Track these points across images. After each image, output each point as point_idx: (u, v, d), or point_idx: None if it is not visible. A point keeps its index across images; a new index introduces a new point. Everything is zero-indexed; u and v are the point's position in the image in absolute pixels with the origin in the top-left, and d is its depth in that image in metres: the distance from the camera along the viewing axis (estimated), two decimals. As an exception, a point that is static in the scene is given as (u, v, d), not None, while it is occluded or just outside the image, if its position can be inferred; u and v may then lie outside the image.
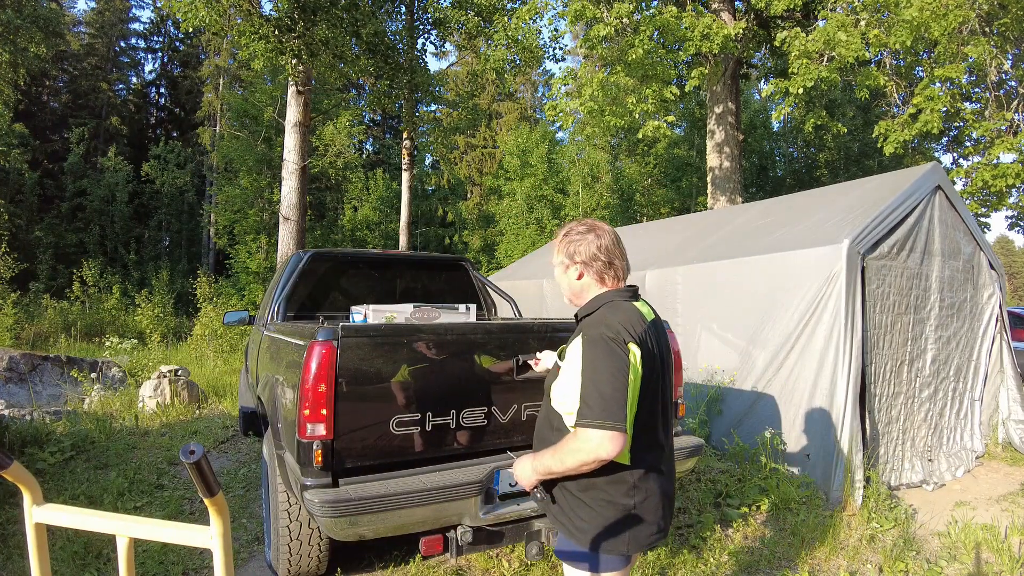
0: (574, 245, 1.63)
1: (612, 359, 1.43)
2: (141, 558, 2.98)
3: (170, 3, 8.26)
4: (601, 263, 1.61)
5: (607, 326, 1.48)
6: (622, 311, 1.54)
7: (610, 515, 1.52)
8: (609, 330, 1.47)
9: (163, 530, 1.08)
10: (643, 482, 1.54)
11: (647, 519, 1.54)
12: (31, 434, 4.66)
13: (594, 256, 1.61)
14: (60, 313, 13.95)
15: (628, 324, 1.49)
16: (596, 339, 1.46)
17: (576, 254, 1.63)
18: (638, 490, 1.53)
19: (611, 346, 1.44)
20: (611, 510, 1.52)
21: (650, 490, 1.55)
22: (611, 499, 1.52)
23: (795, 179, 22.82)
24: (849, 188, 5.49)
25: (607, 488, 1.52)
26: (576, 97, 9.67)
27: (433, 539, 2.23)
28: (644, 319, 1.56)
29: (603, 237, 1.63)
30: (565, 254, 1.65)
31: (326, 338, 2.18)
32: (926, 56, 9.55)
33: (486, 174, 26.56)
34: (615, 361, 1.43)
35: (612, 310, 1.54)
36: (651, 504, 1.55)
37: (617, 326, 1.48)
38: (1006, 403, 5.46)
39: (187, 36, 28.20)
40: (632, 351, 1.46)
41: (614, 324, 1.49)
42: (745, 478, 4.00)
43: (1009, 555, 3.23)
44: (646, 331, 1.53)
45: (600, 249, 1.61)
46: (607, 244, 1.62)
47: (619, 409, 1.40)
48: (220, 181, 20.10)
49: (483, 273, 16.53)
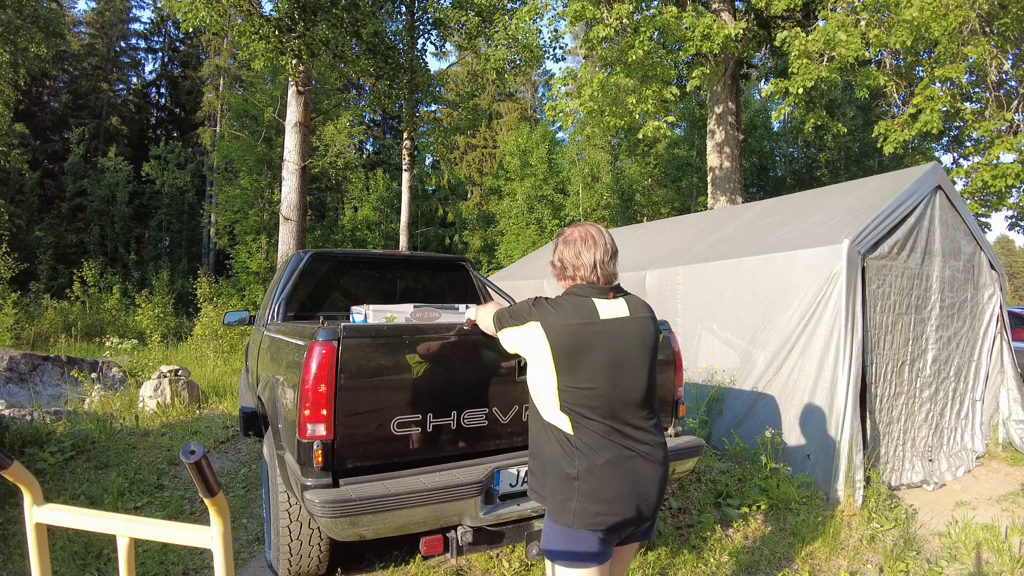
0: (557, 251, 1.86)
1: (517, 308, 1.82)
2: (141, 558, 2.98)
3: (170, 3, 8.26)
4: (576, 265, 1.80)
5: (539, 299, 1.81)
6: (561, 300, 1.77)
7: (558, 485, 1.66)
8: (538, 301, 1.79)
9: (163, 530, 1.08)
10: (588, 454, 1.64)
11: (597, 496, 1.61)
12: (31, 434, 4.66)
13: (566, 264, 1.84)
14: (60, 313, 13.95)
15: (543, 304, 1.76)
16: (527, 300, 1.85)
17: (553, 262, 1.89)
18: (580, 460, 1.64)
19: (525, 303, 1.81)
20: (559, 479, 1.66)
21: (597, 469, 1.62)
22: (559, 467, 1.67)
23: (795, 179, 22.82)
24: (849, 188, 5.49)
25: (557, 457, 1.68)
26: (576, 97, 9.67)
27: (433, 539, 2.23)
28: (591, 311, 1.71)
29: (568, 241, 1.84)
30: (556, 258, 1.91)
31: (326, 338, 2.17)
32: (926, 56, 9.55)
33: (486, 174, 26.56)
34: (517, 306, 1.83)
35: (558, 298, 1.80)
36: (597, 481, 1.62)
37: (540, 301, 1.78)
38: (1006, 403, 5.46)
39: (187, 36, 28.21)
40: (528, 324, 1.74)
41: (544, 300, 1.80)
42: (745, 478, 4.00)
43: (1010, 555, 3.23)
44: (572, 317, 1.70)
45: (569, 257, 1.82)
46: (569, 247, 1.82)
47: (502, 318, 1.87)
48: (220, 181, 20.10)
49: (483, 273, 16.53)
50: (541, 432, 1.74)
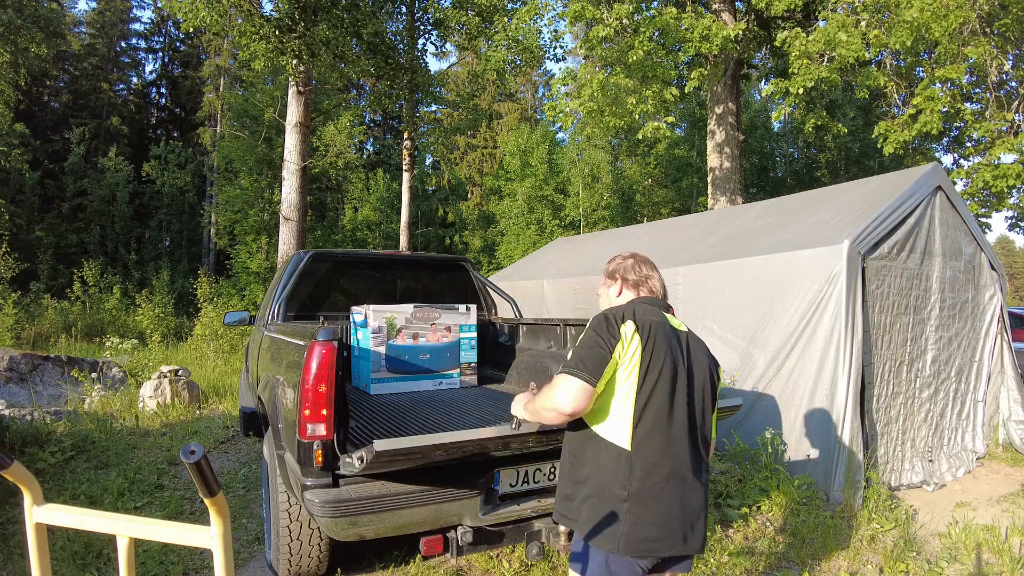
0: (615, 266, 1.86)
1: (598, 330, 1.57)
2: (141, 558, 2.98)
3: (171, 3, 8.26)
4: (635, 277, 1.81)
5: (615, 309, 1.64)
6: (636, 304, 1.68)
7: (606, 506, 1.51)
8: (613, 310, 1.63)
9: (163, 530, 1.08)
10: (645, 476, 1.50)
11: (646, 520, 1.48)
12: (31, 434, 4.66)
13: (631, 270, 1.83)
14: (61, 313, 13.95)
15: (632, 311, 1.61)
16: (593, 318, 1.63)
17: (616, 272, 1.85)
18: (634, 481, 1.50)
19: (600, 320, 1.60)
20: (607, 501, 1.52)
21: (651, 488, 1.50)
22: (609, 488, 1.53)
23: (795, 179, 22.81)
24: (849, 188, 5.49)
25: (607, 476, 1.54)
26: (576, 97, 9.67)
27: (433, 539, 2.23)
28: (664, 321, 1.64)
29: (639, 260, 1.85)
30: (606, 275, 1.87)
31: (326, 338, 2.18)
32: (926, 56, 9.55)
33: (486, 174, 26.55)
34: (599, 331, 1.57)
35: (629, 304, 1.69)
36: (651, 504, 1.49)
37: (619, 310, 1.62)
38: (1007, 403, 5.46)
39: (188, 36, 28.19)
40: (624, 327, 1.56)
41: (616, 308, 1.64)
42: (745, 479, 4.00)
43: (1010, 556, 3.22)
44: (657, 324, 1.60)
45: (634, 268, 1.83)
46: (640, 264, 1.84)
47: (591, 366, 1.51)
48: (221, 181, 20.10)
49: (483, 273, 16.53)
50: (585, 449, 1.59)
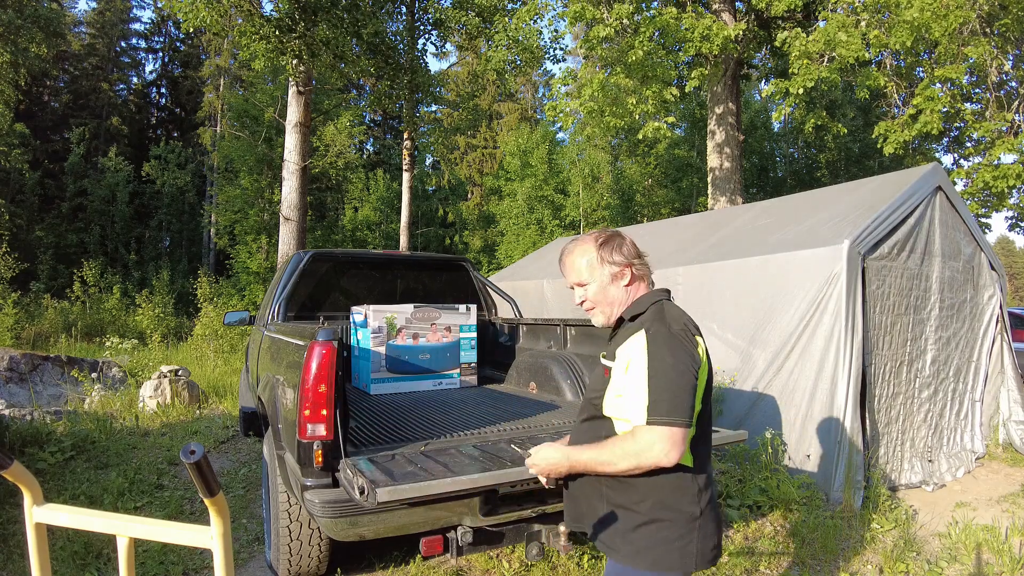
0: (615, 251, 1.53)
1: (681, 352, 1.36)
2: (141, 558, 2.98)
3: (171, 3, 8.27)
4: (640, 262, 1.55)
5: (673, 320, 1.43)
6: (676, 309, 1.50)
7: (676, 528, 1.39)
8: (675, 323, 1.42)
9: (163, 530, 1.08)
10: (707, 487, 1.44)
11: (711, 529, 1.43)
12: (31, 434, 4.66)
13: (636, 255, 1.55)
14: (61, 313, 13.95)
15: (688, 319, 1.46)
16: (663, 335, 1.38)
17: (623, 257, 1.53)
18: (703, 495, 1.42)
19: (679, 339, 1.38)
20: (677, 522, 1.39)
21: (712, 497, 1.46)
22: (677, 507, 1.39)
23: (795, 180, 22.81)
24: (849, 189, 5.49)
25: (672, 496, 1.39)
26: (576, 97, 9.67)
27: (433, 539, 2.22)
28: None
29: (627, 238, 1.57)
30: (611, 262, 1.53)
31: (326, 338, 2.18)
32: (926, 57, 9.55)
33: (487, 174, 26.55)
34: (683, 355, 1.36)
35: (668, 307, 1.49)
36: (714, 512, 1.45)
37: (681, 320, 1.44)
38: (1007, 404, 5.46)
39: (188, 36, 28.21)
40: (699, 343, 1.42)
41: (679, 318, 1.45)
42: (746, 479, 4.00)
43: (1010, 556, 3.22)
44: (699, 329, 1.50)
45: (635, 249, 1.57)
46: (634, 243, 1.58)
47: (689, 405, 1.32)
48: (221, 181, 20.11)
49: (484, 273, 16.53)
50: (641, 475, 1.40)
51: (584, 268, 1.55)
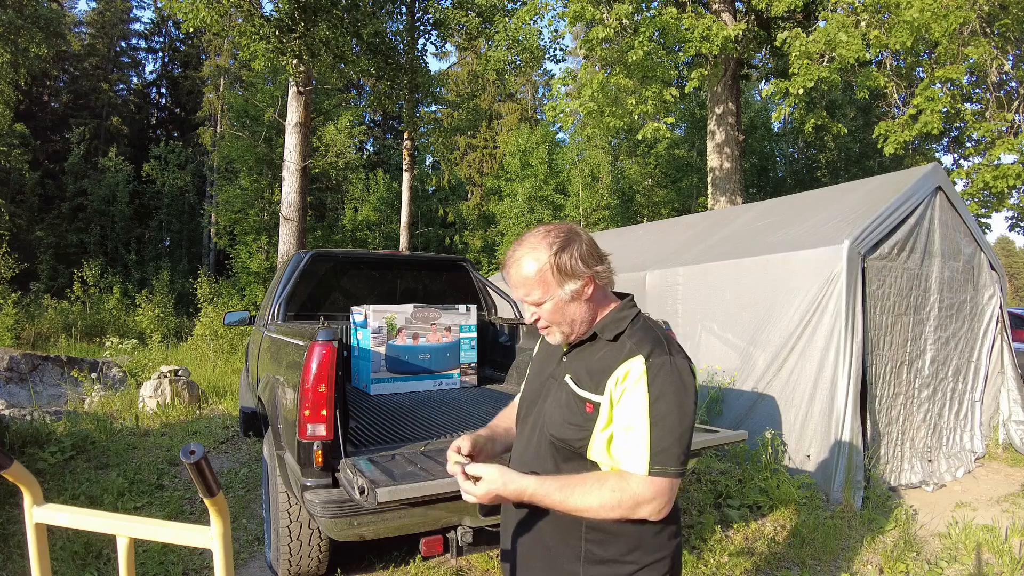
0: (575, 259, 1.21)
1: (690, 390, 1.17)
2: (141, 558, 2.98)
3: (171, 3, 8.27)
4: (604, 268, 1.26)
5: (668, 344, 1.21)
6: (658, 324, 1.29)
7: (666, 563, 1.24)
8: (675, 348, 1.22)
9: (163, 530, 1.08)
10: (680, 514, 1.32)
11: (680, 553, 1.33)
12: (31, 434, 4.66)
13: (598, 259, 1.25)
14: (61, 313, 13.96)
15: (670, 343, 1.23)
16: (666, 367, 1.16)
17: (584, 267, 1.22)
18: (678, 524, 1.30)
19: (684, 372, 1.18)
20: (666, 558, 1.24)
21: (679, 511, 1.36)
22: (660, 546, 1.23)
23: (795, 180, 22.81)
24: (849, 189, 5.49)
25: (663, 533, 1.23)
26: (576, 98, 9.68)
27: (433, 540, 2.23)
28: None
29: (585, 237, 1.26)
30: (570, 275, 1.21)
31: (326, 338, 2.18)
32: (927, 57, 9.55)
33: (486, 175, 26.57)
34: (691, 392, 1.18)
35: (652, 323, 1.28)
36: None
37: (675, 342, 1.24)
38: (1007, 404, 5.46)
39: (188, 36, 28.20)
40: (694, 369, 1.24)
41: (672, 339, 1.24)
42: (746, 479, 4.00)
43: (1010, 556, 3.22)
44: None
45: (596, 250, 1.26)
46: (593, 242, 1.28)
47: (688, 449, 1.16)
48: (221, 181, 20.11)
49: (484, 274, 16.52)
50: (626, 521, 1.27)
51: (536, 283, 1.23)
